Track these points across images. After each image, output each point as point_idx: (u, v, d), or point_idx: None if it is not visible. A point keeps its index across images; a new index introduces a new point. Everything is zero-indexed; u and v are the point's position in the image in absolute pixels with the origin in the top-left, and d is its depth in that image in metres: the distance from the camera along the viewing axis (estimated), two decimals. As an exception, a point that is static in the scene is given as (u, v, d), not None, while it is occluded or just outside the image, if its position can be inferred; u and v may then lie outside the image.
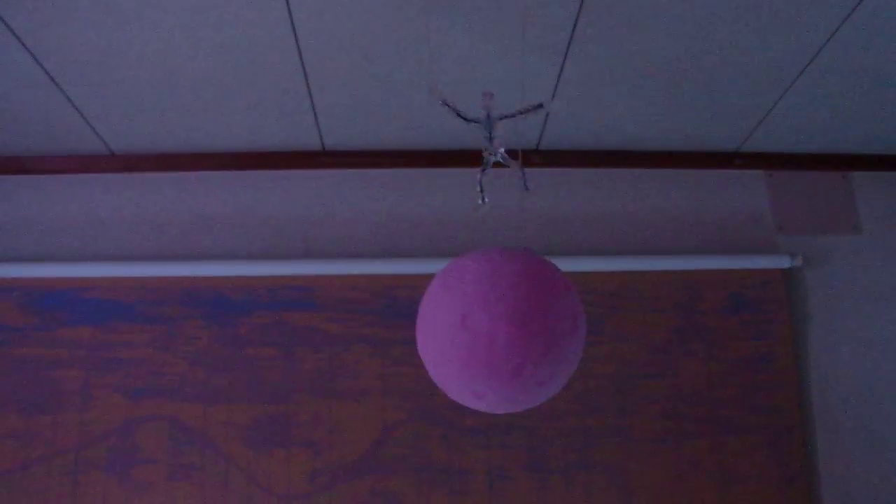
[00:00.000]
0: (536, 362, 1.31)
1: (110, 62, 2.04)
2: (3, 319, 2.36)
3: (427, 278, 2.38)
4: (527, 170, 2.51)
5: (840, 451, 2.33)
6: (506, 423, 2.29)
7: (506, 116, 1.56)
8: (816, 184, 2.61)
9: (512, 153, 1.64)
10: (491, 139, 1.56)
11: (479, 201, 1.58)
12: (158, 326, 2.36)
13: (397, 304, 2.38)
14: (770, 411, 2.33)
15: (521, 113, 1.57)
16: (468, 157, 2.51)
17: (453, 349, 1.32)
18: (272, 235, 2.47)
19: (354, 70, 2.10)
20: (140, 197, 2.52)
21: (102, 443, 2.26)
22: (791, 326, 2.42)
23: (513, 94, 2.19)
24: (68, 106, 2.23)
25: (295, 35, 1.95)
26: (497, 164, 1.62)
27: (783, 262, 2.45)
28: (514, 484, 2.24)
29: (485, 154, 1.57)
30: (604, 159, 2.56)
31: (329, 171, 2.54)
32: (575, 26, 1.93)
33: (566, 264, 2.41)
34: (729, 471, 2.27)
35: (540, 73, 2.12)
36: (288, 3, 1.83)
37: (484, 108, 1.56)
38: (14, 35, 1.92)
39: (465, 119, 1.56)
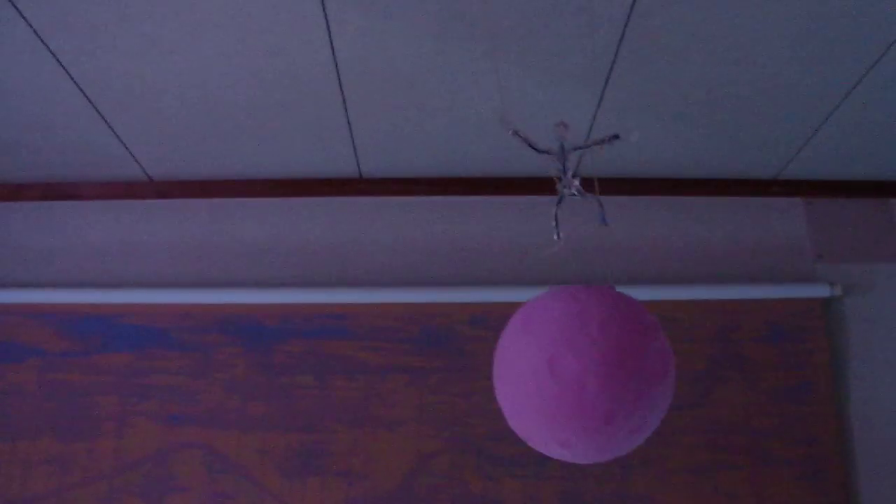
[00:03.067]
0: (628, 410, 1.22)
1: (151, 90, 2.06)
2: (41, 344, 2.38)
3: (463, 307, 2.39)
4: (564, 197, 2.52)
5: (881, 486, 2.28)
6: (541, 455, 2.26)
7: (579, 148, 1.50)
8: (856, 211, 2.58)
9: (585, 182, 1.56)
10: (565, 171, 1.49)
11: (555, 237, 1.52)
12: (194, 353, 2.36)
13: (433, 333, 2.37)
14: (809, 443, 2.29)
15: (595, 143, 1.50)
16: (506, 185, 2.50)
17: (538, 396, 1.23)
18: (308, 263, 2.47)
19: (393, 97, 2.10)
20: (177, 223, 2.53)
21: (137, 470, 2.26)
22: (830, 356, 2.38)
23: (550, 121, 2.17)
24: (109, 133, 2.25)
25: (335, 62, 1.95)
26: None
27: (822, 292, 2.42)
28: (551, 516, 2.22)
29: (559, 187, 1.50)
30: (641, 187, 2.54)
31: (365, 199, 2.53)
32: (617, 54, 1.92)
33: (602, 293, 2.39)
34: (767, 503, 2.24)
35: (579, 101, 2.11)
36: (329, 30, 1.83)
37: (557, 139, 1.50)
38: (59, 63, 1.94)
39: (537, 150, 1.49)
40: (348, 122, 2.21)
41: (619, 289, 2.35)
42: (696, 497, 2.24)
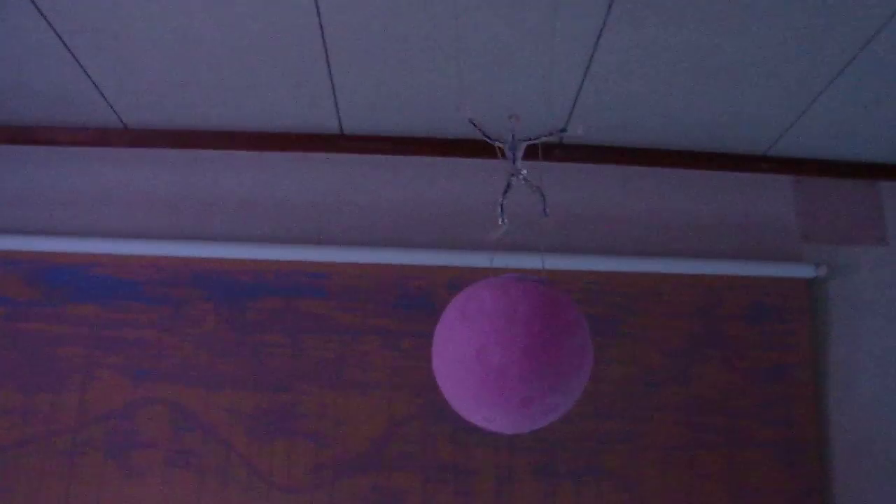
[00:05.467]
0: (544, 394, 1.39)
1: (128, 33, 1.99)
2: (7, 292, 2.31)
3: (443, 271, 2.34)
4: (549, 164, 2.47)
5: (857, 470, 2.26)
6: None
7: (530, 140, 1.62)
8: (844, 192, 2.54)
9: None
10: (514, 161, 1.61)
11: (500, 222, 1.62)
12: (164, 307, 2.30)
13: (410, 296, 2.32)
14: (787, 425, 2.27)
15: (544, 137, 1.62)
16: (491, 148, 2.44)
17: (467, 379, 1.40)
18: (285, 219, 2.42)
19: (378, 53, 2.04)
20: (152, 174, 2.46)
21: (101, 424, 2.21)
22: (812, 338, 2.36)
23: (540, 82, 2.13)
24: (82, 76, 2.17)
25: (318, 13, 1.89)
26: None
27: (807, 272, 2.39)
28: (522, 487, 2.18)
29: (508, 177, 1.62)
30: (627, 157, 2.49)
31: (347, 156, 2.47)
32: (607, 15, 1.87)
33: (584, 263, 2.35)
34: (742, 484, 2.21)
35: (568, 62, 2.06)
36: (313, -21, 1.77)
37: (510, 131, 1.60)
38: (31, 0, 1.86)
39: (489, 139, 1.62)
40: (331, 77, 2.15)
41: (598, 258, 2.35)
42: (671, 475, 2.21)
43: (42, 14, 1.92)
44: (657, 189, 2.50)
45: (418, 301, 2.32)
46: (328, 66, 2.10)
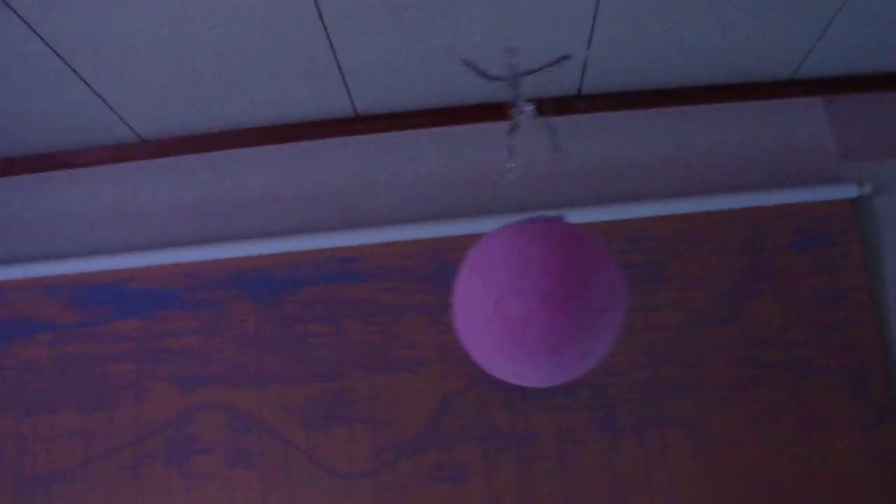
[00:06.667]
0: (573, 342, 1.29)
1: (126, 45, 1.98)
2: (51, 318, 2.34)
3: (476, 238, 2.30)
4: (571, 117, 2.42)
5: (928, 388, 2.19)
6: (570, 384, 2.19)
7: (530, 72, 1.51)
8: (880, 105, 2.45)
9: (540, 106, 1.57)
10: (517, 97, 1.51)
11: (508, 164, 1.55)
12: (205, 312, 2.31)
13: (448, 268, 2.29)
14: (849, 350, 2.20)
15: (546, 66, 1.53)
16: (508, 110, 2.40)
17: (488, 333, 1.31)
18: (311, 208, 2.40)
19: (379, 26, 2.00)
20: (174, 181, 2.46)
21: (159, 435, 2.22)
22: (864, 258, 2.28)
23: (548, 33, 2.08)
24: (92, 95, 2.17)
25: (314, -4, 1.86)
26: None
27: (851, 192, 2.31)
28: (585, 446, 2.15)
29: (512, 113, 1.52)
30: (651, 99, 2.43)
31: (365, 137, 2.45)
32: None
33: (620, 212, 2.31)
34: (810, 416, 2.15)
35: (575, 8, 2.00)
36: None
37: (507, 66, 1.51)
38: (26, 23, 1.86)
39: (488, 77, 1.52)
40: (336, 59, 2.12)
41: (634, 205, 2.30)
42: (737, 415, 2.16)
43: (43, 40, 1.92)
44: (686, 128, 2.44)
45: (455, 272, 2.28)
46: (332, 49, 2.07)
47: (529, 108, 1.51)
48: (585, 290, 1.30)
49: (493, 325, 1.30)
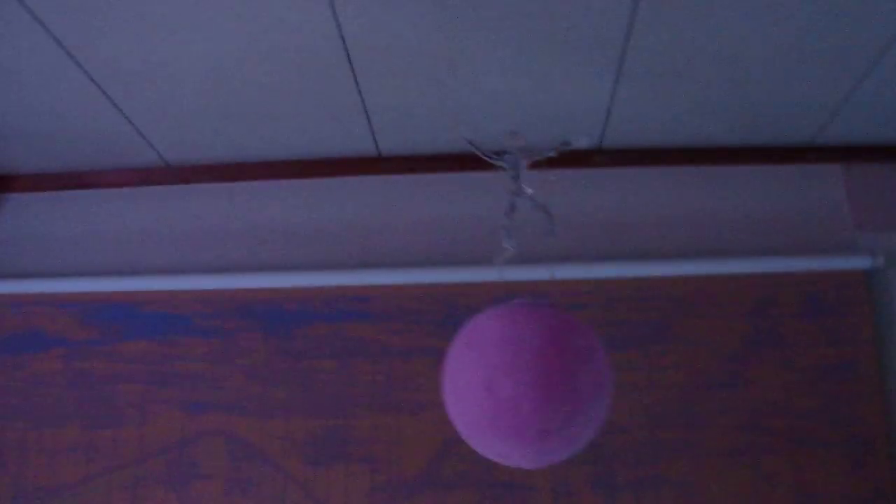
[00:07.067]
0: (562, 428, 1.29)
1: (160, 73, 2.02)
2: (64, 334, 2.37)
3: (490, 287, 2.32)
4: (589, 171, 2.44)
5: (931, 466, 2.18)
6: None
7: (534, 157, 1.55)
8: (898, 177, 2.46)
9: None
10: (517, 180, 1.54)
11: (505, 246, 1.56)
12: (215, 340, 2.33)
13: (458, 314, 2.29)
14: (852, 423, 2.19)
15: (547, 153, 1.56)
16: (534, 162, 2.43)
17: (478, 412, 1.31)
18: (328, 244, 2.43)
19: (405, 71, 2.04)
20: (196, 209, 2.50)
21: (161, 457, 2.24)
22: (874, 331, 2.27)
23: (572, 93, 2.11)
24: (122, 119, 2.22)
25: (342, 36, 1.89)
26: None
27: (864, 263, 2.31)
28: (580, 501, 2.15)
29: (511, 196, 1.55)
30: (669, 157, 2.45)
31: (385, 177, 2.48)
32: (634, 14, 1.83)
33: (631, 269, 2.31)
34: (808, 487, 2.14)
35: (598, 70, 2.03)
36: (333, 4, 1.77)
37: (511, 150, 1.55)
38: (63, 48, 1.91)
39: (489, 159, 1.57)
40: (362, 100, 2.15)
41: (645, 263, 2.31)
42: (736, 481, 2.15)
43: (80, 66, 1.96)
44: (702, 188, 2.45)
45: (466, 319, 2.30)
46: (358, 89, 2.10)
47: (530, 191, 1.54)
48: (575, 379, 1.31)
49: (483, 404, 1.30)
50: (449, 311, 2.32)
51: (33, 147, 2.38)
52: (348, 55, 1.96)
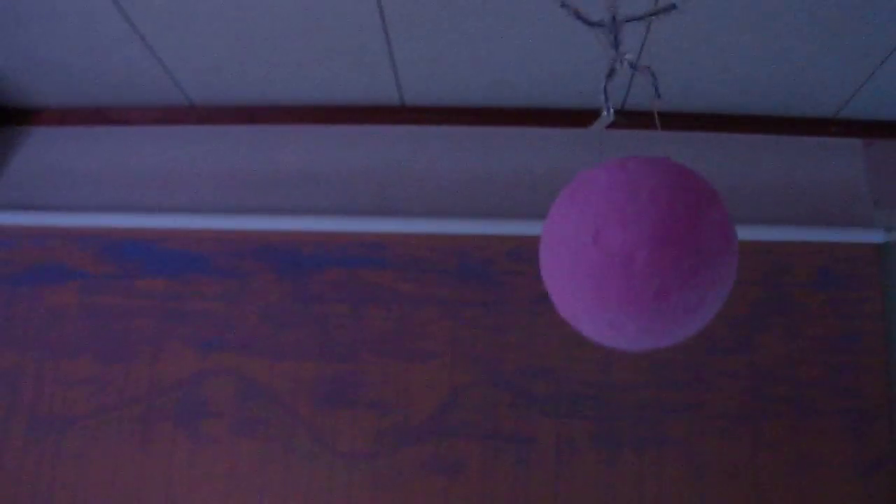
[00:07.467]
0: (682, 286, 1.10)
1: (189, 10, 2.03)
2: (82, 267, 2.40)
3: (502, 240, 2.35)
4: (610, 131, 2.44)
5: (930, 440, 2.20)
6: (575, 394, 2.23)
7: (634, 19, 1.37)
8: (918, 156, 2.46)
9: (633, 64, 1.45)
10: (617, 44, 1.38)
11: (603, 112, 1.38)
12: (230, 280, 2.36)
13: (471, 265, 2.33)
14: (855, 394, 2.21)
15: (650, 15, 1.38)
16: (552, 117, 2.43)
17: (584, 271, 1.13)
18: (347, 191, 2.45)
19: (436, 21, 2.04)
20: (217, 149, 2.52)
21: (172, 394, 2.28)
22: (882, 305, 2.29)
23: (598, 63, 2.11)
24: (151, 57, 2.23)
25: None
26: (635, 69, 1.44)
27: (877, 237, 2.32)
28: (582, 456, 2.18)
29: (610, 61, 1.39)
30: (691, 122, 2.45)
31: (407, 127, 2.49)
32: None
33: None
34: (807, 455, 2.17)
35: (626, 33, 2.03)
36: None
37: (608, 10, 1.39)
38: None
39: (586, 22, 1.38)
40: (390, 49, 2.16)
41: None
42: (734, 444, 2.19)
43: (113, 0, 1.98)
44: (722, 154, 2.45)
45: (478, 271, 2.33)
46: (387, 37, 2.11)
47: (629, 56, 1.39)
48: (697, 229, 1.12)
49: (591, 260, 1.12)
50: (461, 261, 2.34)
51: (60, 81, 2.39)
52: (380, 3, 1.97)
